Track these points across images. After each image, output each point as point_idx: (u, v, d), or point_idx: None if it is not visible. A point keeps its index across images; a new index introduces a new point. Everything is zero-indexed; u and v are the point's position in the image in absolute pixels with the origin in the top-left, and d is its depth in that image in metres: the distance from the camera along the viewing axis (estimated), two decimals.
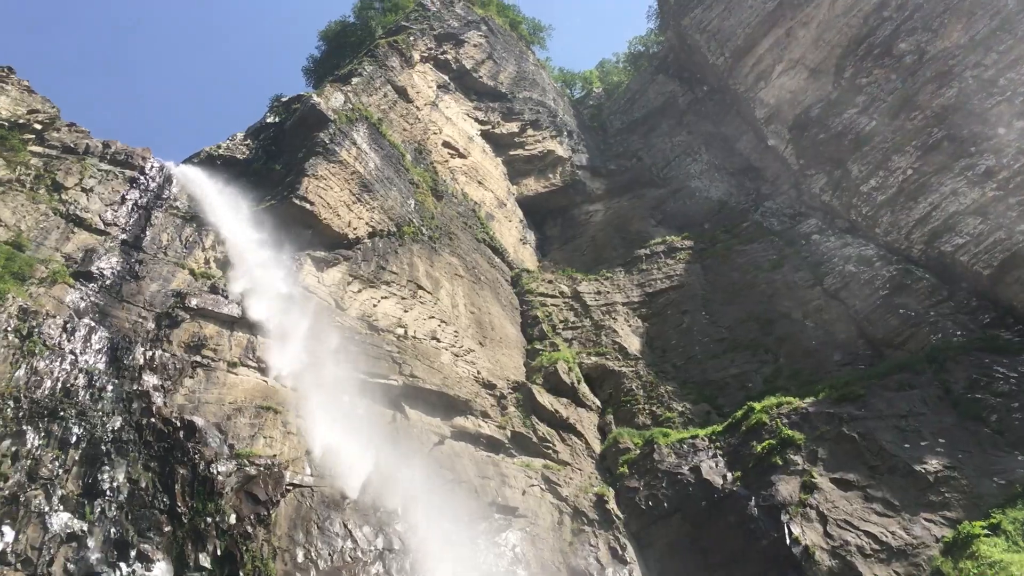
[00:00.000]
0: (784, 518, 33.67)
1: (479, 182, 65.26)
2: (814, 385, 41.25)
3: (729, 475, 37.57)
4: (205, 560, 26.29)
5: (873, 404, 37.09)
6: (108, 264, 35.04)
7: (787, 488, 35.00)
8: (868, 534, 32.09)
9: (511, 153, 72.47)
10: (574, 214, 70.69)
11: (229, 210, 41.39)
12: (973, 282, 41.69)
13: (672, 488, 38.75)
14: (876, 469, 34.42)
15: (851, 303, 46.13)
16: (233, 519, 27.79)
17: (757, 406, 40.33)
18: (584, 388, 48.33)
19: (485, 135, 70.54)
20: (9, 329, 29.58)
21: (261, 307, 36.73)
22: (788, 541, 32.79)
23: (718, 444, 40.15)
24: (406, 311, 43.93)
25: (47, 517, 24.96)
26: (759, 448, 37.47)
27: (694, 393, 46.65)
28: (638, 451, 42.34)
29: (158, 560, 25.81)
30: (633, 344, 51.59)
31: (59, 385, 29.21)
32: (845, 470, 34.93)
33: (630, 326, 53.06)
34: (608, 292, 56.16)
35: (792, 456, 36.28)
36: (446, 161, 62.32)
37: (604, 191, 71.99)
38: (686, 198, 66.30)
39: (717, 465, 38.54)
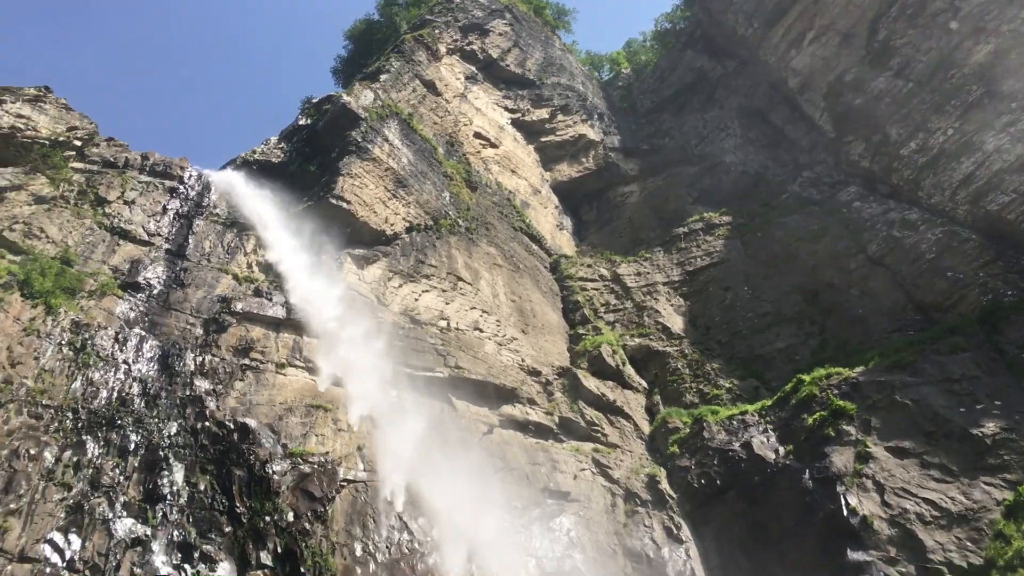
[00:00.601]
0: (840, 489, 33.38)
1: (512, 171, 65.22)
2: (863, 354, 40.71)
3: (781, 449, 37.31)
4: (267, 558, 26.76)
5: (925, 370, 36.56)
6: (154, 274, 35.72)
7: (841, 459, 34.67)
8: (927, 501, 31.72)
9: (543, 140, 72.28)
10: (609, 197, 70.36)
11: (268, 214, 41.90)
12: (1022, 240, 40.81)
13: (724, 465, 38.57)
14: (932, 435, 33.96)
15: (897, 269, 45.39)
16: (291, 517, 28.24)
17: (806, 378, 39.96)
18: (629, 370, 48.22)
19: (516, 123, 70.42)
20: (63, 342, 30.32)
21: (305, 308, 37.20)
22: (845, 512, 32.51)
23: (768, 419, 39.86)
24: (447, 303, 44.15)
25: (111, 523, 25.57)
26: (810, 420, 37.15)
27: (741, 369, 46.32)
28: (687, 430, 42.20)
29: (221, 560, 26.32)
30: (676, 323, 51.33)
31: (115, 394, 29.89)
32: (900, 438, 34.51)
33: (672, 305, 52.78)
34: (648, 273, 55.87)
35: (845, 427, 35.91)
36: (478, 152, 62.38)
37: (638, 172, 71.53)
38: (722, 174, 65.61)
39: (768, 440, 38.28)
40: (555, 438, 40.87)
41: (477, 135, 63.73)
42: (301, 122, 52.33)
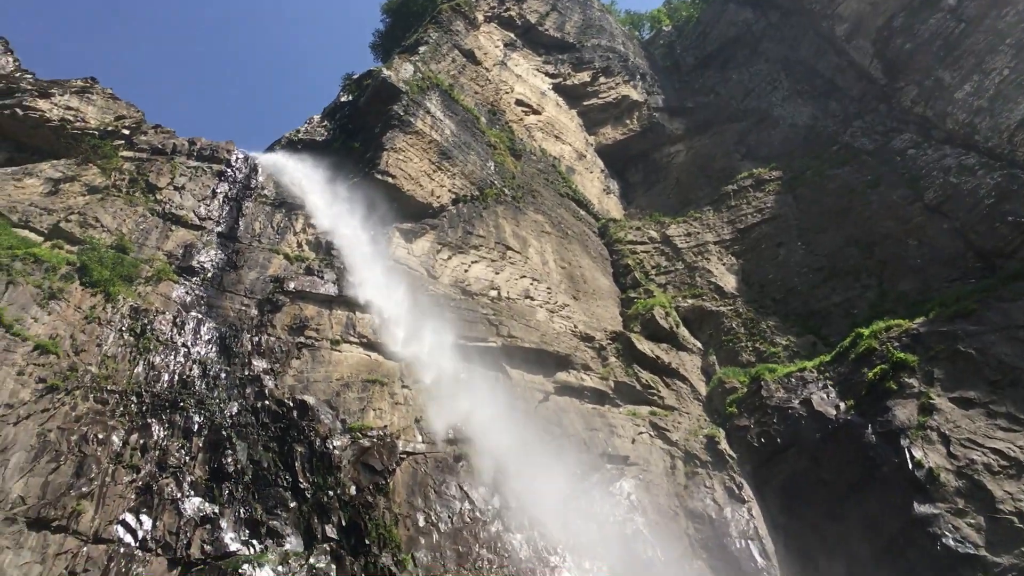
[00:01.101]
0: (904, 443, 32.79)
1: (556, 136, 64.73)
2: (923, 305, 39.79)
3: (842, 405, 36.74)
4: (332, 532, 27.19)
5: (988, 317, 35.59)
6: (208, 257, 36.28)
7: (904, 412, 34.02)
8: (994, 451, 31.01)
9: (585, 103, 71.55)
10: (655, 158, 69.49)
11: (315, 192, 42.21)
12: None
13: (784, 423, 38.13)
14: (997, 384, 33.12)
15: (955, 216, 44.16)
16: (353, 490, 28.63)
17: (865, 332, 39.20)
18: (683, 332, 47.83)
19: (557, 88, 69.78)
20: (124, 329, 30.99)
21: (356, 284, 37.50)
22: (910, 465, 31.94)
23: (827, 375, 39.25)
24: (497, 273, 44.13)
25: (180, 503, 26.17)
26: (871, 374, 36.48)
27: (797, 325, 45.63)
28: (745, 389, 41.77)
29: (288, 535, 26.82)
30: (729, 282, 50.70)
31: (176, 377, 30.52)
32: (964, 388, 33.73)
33: (724, 264, 52.12)
34: (698, 233, 55.20)
35: (907, 379, 35.20)
36: (521, 119, 61.99)
37: (684, 131, 70.46)
38: (770, 128, 64.32)
39: (828, 396, 37.72)
40: (611, 403, 40.76)
41: (519, 102, 63.31)
42: (343, 99, 52.50)
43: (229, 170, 41.39)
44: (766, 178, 56.63)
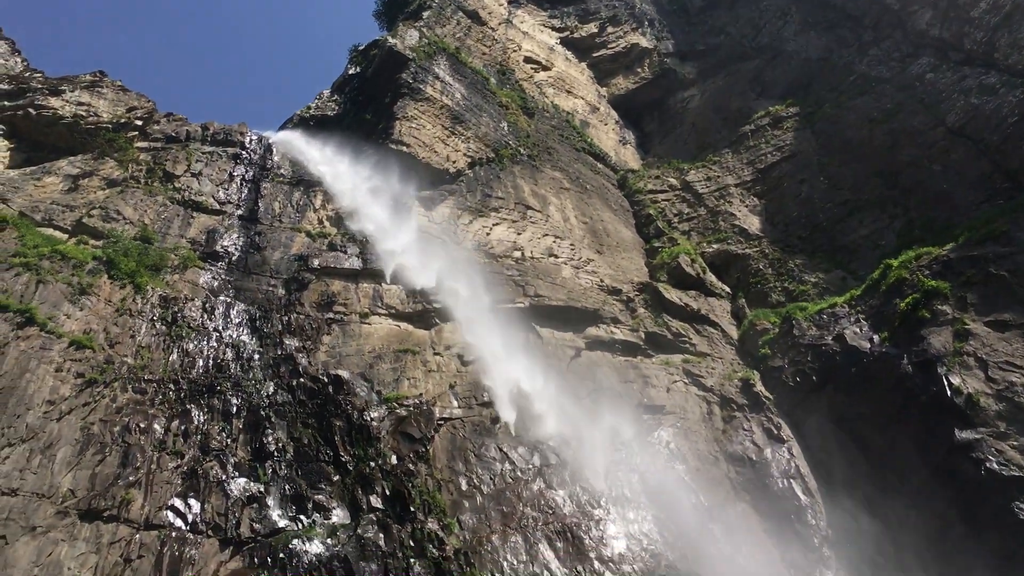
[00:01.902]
0: (941, 371, 32.57)
1: (568, 91, 64.10)
2: (952, 230, 39.25)
3: (876, 337, 36.49)
4: (376, 501, 27.50)
5: (1019, 238, 35.01)
6: (231, 241, 36.50)
7: (939, 340, 33.75)
8: None
9: (594, 55, 70.73)
10: (670, 104, 68.65)
11: (331, 167, 42.23)
12: None
13: (818, 361, 37.97)
14: None
15: (979, 137, 43.34)
16: (394, 460, 28.92)
17: (894, 263, 38.81)
18: (710, 277, 47.58)
19: (565, 42, 68.99)
20: (155, 318, 31.33)
21: (380, 255, 37.60)
22: (949, 393, 31.75)
23: (859, 308, 38.97)
24: (519, 233, 44.01)
25: (226, 484, 26.57)
26: (903, 305, 36.16)
27: (825, 262, 45.20)
28: (777, 330, 41.59)
29: (334, 508, 27.18)
30: (753, 224, 50.26)
31: (210, 362, 30.87)
32: (999, 311, 33.36)
33: (747, 206, 51.63)
34: (718, 176, 54.63)
35: (940, 307, 34.87)
36: (530, 77, 61.42)
37: (697, 74, 69.47)
38: (784, 64, 63.21)
39: (861, 330, 37.47)
40: (643, 354, 40.73)
41: (527, 60, 62.70)
42: (351, 72, 52.26)
43: (244, 152, 41.47)
44: (783, 115, 55.84)
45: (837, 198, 47.97)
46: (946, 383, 32.04)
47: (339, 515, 27.06)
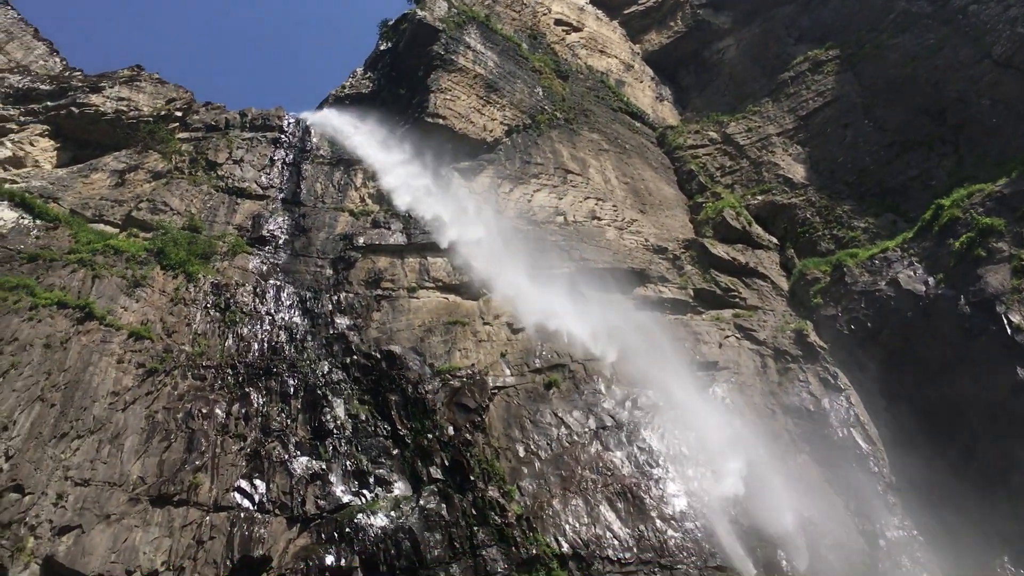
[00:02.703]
0: (1000, 309, 31.92)
1: (600, 51, 63.34)
2: (1004, 165, 38.20)
3: (931, 280, 35.82)
4: (436, 473, 27.86)
5: None
6: (276, 225, 36.96)
7: (997, 278, 33.02)
8: None
9: (625, 12, 69.77)
10: (705, 57, 67.38)
11: (370, 145, 42.38)
12: None
13: (872, 307, 37.39)
14: None
15: None
16: (451, 430, 29.21)
17: (946, 202, 37.94)
18: (757, 229, 46.96)
19: (595, 2, 68.10)
20: (209, 305, 31.93)
21: (423, 229, 37.74)
22: (1009, 331, 31.14)
23: (912, 251, 38.22)
24: (560, 198, 43.82)
25: (289, 464, 27.12)
26: (958, 244, 35.41)
27: (875, 206, 44.30)
28: (828, 278, 40.97)
29: (395, 481, 27.61)
30: (798, 172, 49.40)
31: (265, 345, 31.41)
32: None
33: (790, 155, 50.72)
34: (759, 127, 53.71)
35: (995, 244, 34.09)
36: (562, 39, 60.76)
37: (731, 24, 68.00)
38: (820, 6, 61.59)
39: (916, 273, 36.79)
40: (693, 311, 40.47)
41: (558, 22, 62.02)
42: (382, 47, 52.17)
43: (283, 136, 41.86)
44: (823, 59, 54.57)
45: (883, 140, 46.90)
46: (1006, 322, 31.42)
47: (401, 488, 27.48)
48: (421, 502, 26.68)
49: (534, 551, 25.47)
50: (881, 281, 37.71)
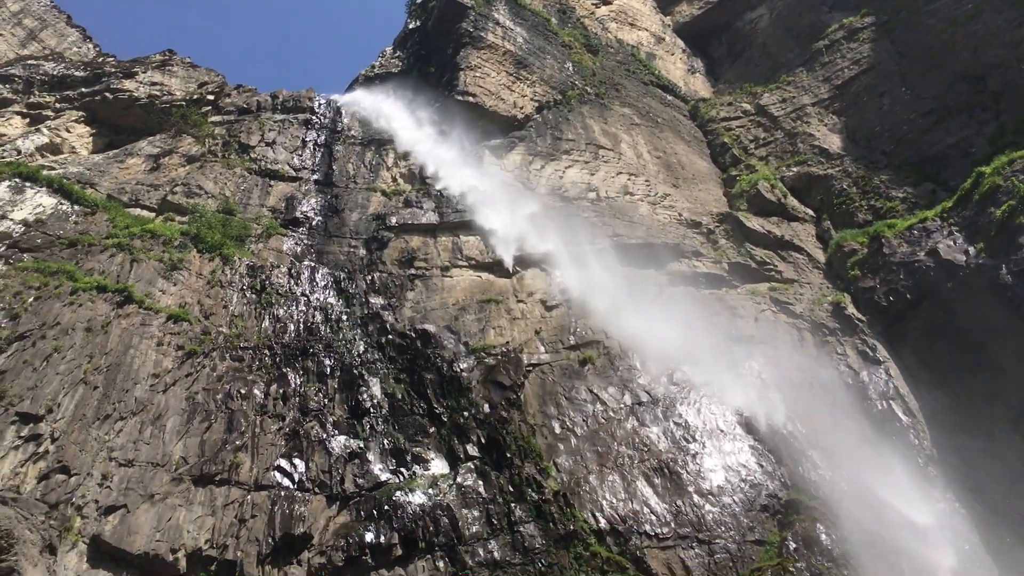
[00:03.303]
0: None
1: (631, 24, 62.71)
2: None
3: (971, 249, 35.17)
4: (473, 450, 28.00)
5: None
6: (309, 206, 37.18)
7: None
8: None
9: None
10: (738, 27, 66.41)
11: (400, 124, 42.42)
12: None
13: (911, 278, 36.82)
14: None
15: None
16: (487, 408, 29.31)
17: (987, 170, 37.17)
18: (792, 201, 46.37)
19: None
20: (245, 287, 32.25)
21: (455, 208, 37.78)
22: None
23: (951, 221, 37.54)
24: (592, 174, 43.58)
25: (327, 443, 27.39)
26: (999, 213, 34.71)
27: (913, 175, 43.50)
28: (866, 249, 40.37)
29: (432, 459, 27.79)
30: (834, 143, 48.65)
31: (301, 326, 31.69)
32: None
33: (826, 125, 49.95)
34: (794, 97, 52.92)
35: None
36: (591, 13, 60.21)
37: None
38: None
39: (956, 242, 36.14)
40: (728, 285, 40.11)
41: None
42: (411, 26, 52.14)
43: (314, 117, 42.02)
44: (858, 26, 53.55)
45: (921, 108, 45.99)
46: None
47: (438, 466, 27.65)
48: (458, 479, 26.85)
49: (571, 527, 25.55)
50: (920, 251, 37.10)
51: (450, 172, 39.82)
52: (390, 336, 31.92)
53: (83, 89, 39.80)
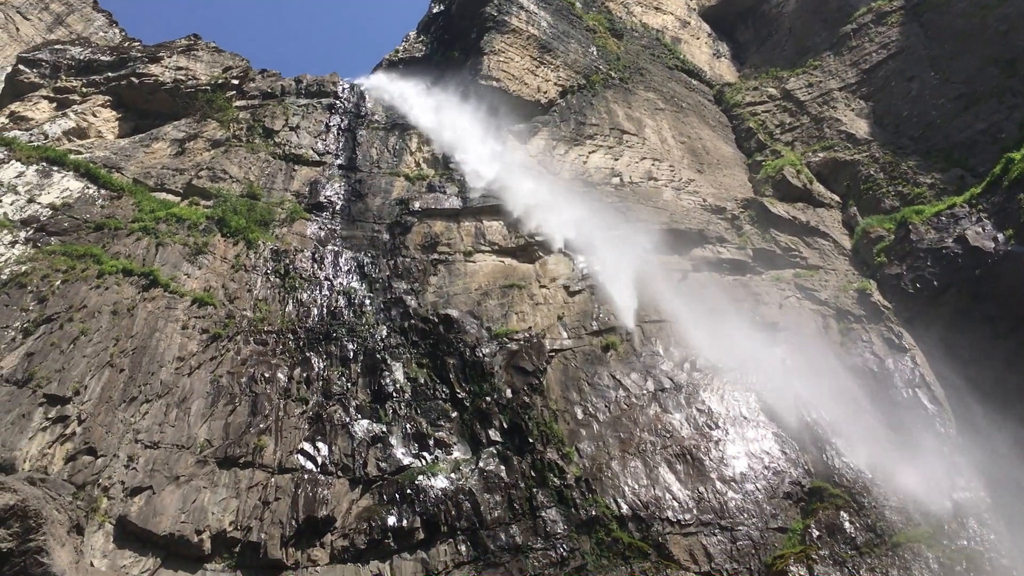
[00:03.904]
0: None
1: (656, 8, 62.22)
2: None
3: (1000, 236, 34.67)
4: (495, 435, 28.05)
5: None
6: (333, 191, 37.27)
7: None
8: None
9: None
10: (764, 10, 65.70)
11: (424, 109, 42.37)
12: None
13: (938, 265, 36.38)
14: None
15: None
16: (509, 393, 29.34)
17: (1017, 155, 36.59)
18: (818, 187, 45.89)
19: None
20: (269, 272, 32.41)
21: (479, 193, 37.76)
22: None
23: (980, 207, 37.02)
24: (616, 159, 43.35)
25: (350, 427, 27.52)
26: None
27: (941, 160, 42.92)
28: (892, 236, 39.90)
29: (454, 444, 27.88)
30: (861, 128, 48.08)
31: (324, 310, 31.82)
32: None
33: (853, 110, 49.37)
34: (820, 81, 52.33)
35: None
36: None
37: None
38: None
39: (984, 229, 35.64)
40: (752, 271, 39.81)
41: None
42: (435, 10, 52.02)
43: (338, 102, 42.08)
44: (887, 9, 52.82)
45: (950, 92, 45.33)
46: None
47: (460, 450, 27.73)
48: (480, 464, 26.92)
49: (593, 512, 25.57)
50: (948, 238, 36.64)
51: (473, 157, 39.75)
52: (413, 321, 31.99)
53: (109, 74, 40.03)
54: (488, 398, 29.20)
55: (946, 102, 45.09)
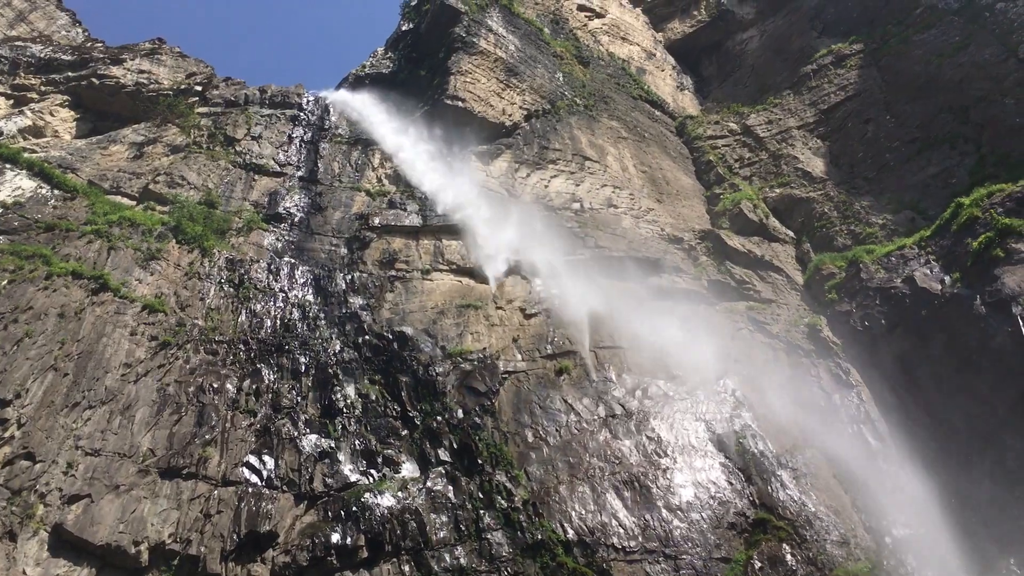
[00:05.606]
0: (1016, 310, 31.57)
1: (623, 38, 62.98)
2: None
3: (947, 279, 35.50)
4: (445, 455, 27.96)
5: None
6: (292, 202, 37.04)
7: (1014, 279, 32.67)
8: None
9: (649, 0, 69.28)
10: (728, 47, 66.89)
11: (388, 126, 42.37)
12: None
13: (887, 304, 37.13)
14: None
15: None
16: (460, 413, 29.28)
17: (966, 201, 37.52)
18: (774, 222, 46.65)
19: None
20: (223, 281, 32.06)
21: (439, 212, 37.77)
22: None
23: (929, 249, 37.89)
24: (578, 185, 43.68)
25: (298, 441, 27.26)
26: (976, 244, 35.05)
27: (893, 202, 43.87)
28: (843, 274, 40.67)
29: (404, 462, 27.73)
30: (817, 167, 49.02)
31: (278, 322, 31.54)
32: None
33: (810, 148, 50.33)
34: (780, 119, 53.29)
35: (1014, 245, 33.67)
36: (584, 25, 60.44)
37: (755, 14, 67.37)
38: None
39: (932, 271, 36.48)
40: (707, 302, 40.24)
41: (581, 8, 61.70)
42: (404, 28, 52.10)
43: (302, 114, 41.90)
44: (847, 53, 54.04)
45: (905, 136, 46.42)
46: (1021, 324, 31.10)
47: (408, 469, 27.59)
48: (428, 484, 26.79)
49: (539, 536, 25.54)
50: (897, 278, 37.43)
51: (435, 175, 39.79)
52: (367, 337, 31.82)
53: (69, 73, 39.45)
54: (439, 417, 29.11)
55: (900, 145, 46.14)
